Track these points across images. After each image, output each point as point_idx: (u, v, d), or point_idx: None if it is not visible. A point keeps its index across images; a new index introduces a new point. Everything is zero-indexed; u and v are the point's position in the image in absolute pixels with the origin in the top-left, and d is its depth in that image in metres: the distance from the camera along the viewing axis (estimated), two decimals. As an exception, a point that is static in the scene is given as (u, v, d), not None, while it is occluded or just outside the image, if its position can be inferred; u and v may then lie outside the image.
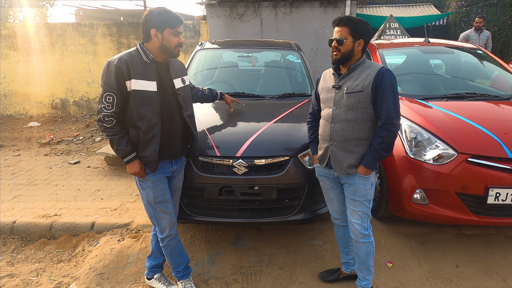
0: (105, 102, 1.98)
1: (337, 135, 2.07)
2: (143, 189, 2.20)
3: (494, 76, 3.84)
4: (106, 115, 1.98)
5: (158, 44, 2.01)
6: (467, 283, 2.47)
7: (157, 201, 2.18)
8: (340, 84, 2.06)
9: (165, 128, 2.11)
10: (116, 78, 1.95)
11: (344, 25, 1.98)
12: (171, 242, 2.28)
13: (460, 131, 2.71)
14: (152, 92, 2.03)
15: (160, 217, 2.23)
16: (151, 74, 2.04)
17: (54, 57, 7.66)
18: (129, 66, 1.96)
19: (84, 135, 6.42)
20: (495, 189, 2.46)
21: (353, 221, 2.13)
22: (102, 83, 2.00)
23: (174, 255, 2.33)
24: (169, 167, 2.22)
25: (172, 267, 2.39)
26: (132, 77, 1.97)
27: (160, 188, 2.18)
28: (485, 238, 2.98)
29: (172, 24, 1.98)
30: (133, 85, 1.97)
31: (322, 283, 2.48)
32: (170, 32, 1.99)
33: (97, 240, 3.02)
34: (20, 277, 2.63)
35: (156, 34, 1.98)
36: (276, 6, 7.60)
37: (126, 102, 2.01)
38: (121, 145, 2.04)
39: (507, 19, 10.90)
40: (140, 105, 2.00)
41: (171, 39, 2.00)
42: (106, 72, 1.98)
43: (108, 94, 1.97)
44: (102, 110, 1.99)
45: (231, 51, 4.43)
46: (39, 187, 4.10)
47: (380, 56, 3.86)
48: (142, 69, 2.01)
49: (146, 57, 2.03)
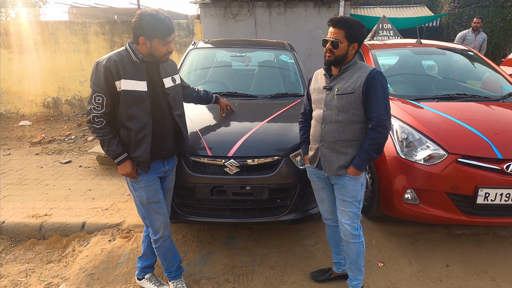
0: (94, 103, 1.95)
1: (327, 136, 2.07)
2: (136, 190, 2.17)
3: (485, 78, 3.88)
4: (96, 116, 1.96)
5: (146, 51, 1.98)
6: (457, 282, 2.49)
7: (150, 201, 2.16)
8: (331, 85, 2.06)
9: (156, 128, 2.09)
10: (105, 79, 1.92)
11: (341, 28, 1.96)
12: (165, 243, 2.26)
13: (450, 131, 2.74)
14: (142, 92, 2.00)
15: (153, 218, 2.20)
16: (141, 74, 2.01)
17: (46, 55, 7.58)
18: (119, 66, 1.93)
19: (76, 134, 6.36)
20: (485, 189, 2.49)
21: (343, 221, 2.13)
22: (91, 84, 1.97)
23: (167, 255, 2.32)
24: (161, 167, 2.20)
25: (164, 268, 2.38)
26: (122, 77, 1.94)
27: (153, 188, 2.16)
28: (475, 237, 3.01)
29: (161, 35, 1.94)
30: (123, 85, 1.94)
31: (313, 282, 2.49)
32: (159, 42, 1.95)
33: (87, 240, 3.00)
34: (9, 278, 2.60)
35: (145, 42, 1.94)
36: (270, 6, 7.60)
37: (116, 102, 1.98)
38: (112, 146, 2.01)
39: (499, 21, 11.03)
40: (131, 105, 1.97)
41: (159, 49, 1.97)
42: (95, 72, 1.95)
43: (98, 94, 1.94)
44: (92, 111, 1.96)
45: (224, 51, 4.43)
46: (29, 186, 4.06)
47: (372, 56, 3.88)
48: (131, 69, 1.98)
49: (135, 56, 2.00)
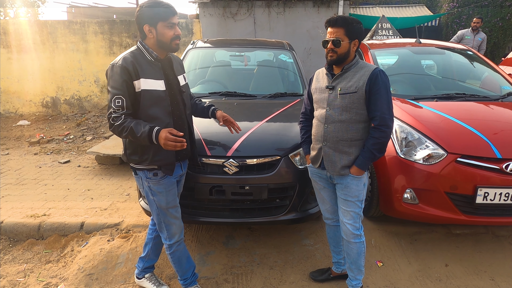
0: (114, 106, 1.83)
1: (330, 136, 2.06)
2: (155, 195, 2.05)
3: (484, 77, 3.88)
4: (116, 117, 1.83)
5: (154, 40, 1.91)
6: (456, 281, 2.49)
7: (170, 206, 2.08)
8: (333, 84, 2.05)
9: (177, 128, 1.99)
10: (123, 80, 1.82)
11: (340, 26, 1.95)
12: (180, 247, 2.19)
13: (449, 131, 2.73)
14: (161, 91, 1.93)
15: (170, 223, 2.12)
16: (157, 72, 1.94)
17: (45, 55, 7.57)
18: (136, 66, 1.85)
19: (75, 134, 6.35)
20: (484, 189, 2.49)
21: (345, 221, 2.13)
22: (109, 88, 1.86)
23: (182, 261, 2.23)
24: (179, 170, 2.13)
25: (179, 275, 2.29)
26: (140, 77, 1.86)
27: (173, 193, 2.09)
28: (474, 237, 3.01)
29: (164, 17, 1.87)
30: (142, 85, 1.86)
31: (312, 282, 2.48)
32: (163, 25, 1.88)
33: (86, 240, 2.99)
34: (7, 278, 2.59)
35: (150, 29, 1.88)
36: (269, 5, 7.60)
37: (135, 104, 1.89)
38: (139, 130, 1.81)
39: (498, 21, 11.04)
40: (151, 105, 1.90)
41: (165, 33, 1.89)
42: (111, 75, 1.85)
43: (117, 97, 1.83)
44: (112, 115, 1.83)
45: (223, 50, 4.42)
46: (28, 186, 4.05)
47: (372, 56, 3.87)
48: (148, 68, 1.90)
49: (149, 55, 1.93)
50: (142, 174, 2.04)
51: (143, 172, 2.03)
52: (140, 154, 1.97)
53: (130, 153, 2.01)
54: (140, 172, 2.04)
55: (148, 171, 2.01)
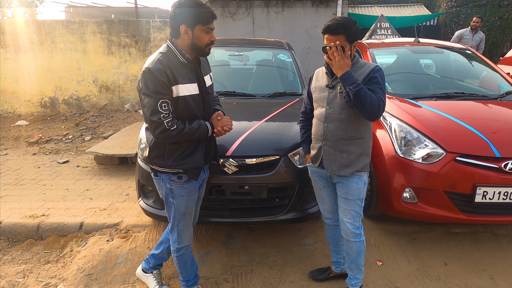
0: (162, 111, 1.75)
1: (330, 135, 2.06)
2: (175, 198, 2.01)
3: (483, 76, 3.89)
4: (169, 122, 1.78)
5: (188, 42, 1.82)
6: (455, 280, 2.50)
7: (187, 211, 2.06)
8: (333, 83, 2.05)
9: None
10: (163, 83, 1.76)
11: (341, 34, 1.93)
12: (187, 251, 2.19)
13: (448, 130, 2.74)
14: (196, 95, 1.88)
15: (183, 229, 2.10)
16: (191, 75, 1.88)
17: (43, 54, 7.54)
18: (172, 69, 1.78)
19: (73, 134, 6.33)
20: (483, 188, 2.49)
21: (345, 220, 2.13)
22: (148, 93, 1.75)
23: (187, 263, 2.23)
24: (202, 174, 2.08)
25: (182, 277, 2.27)
26: (178, 82, 1.80)
27: (193, 198, 2.07)
28: (473, 236, 3.02)
29: (205, 20, 1.79)
30: (180, 91, 1.81)
31: (312, 282, 2.49)
32: (201, 29, 1.80)
33: (85, 241, 2.99)
34: (6, 279, 2.59)
35: (186, 31, 1.79)
36: (268, 5, 7.60)
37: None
38: (193, 128, 1.83)
39: (496, 20, 11.07)
40: (187, 110, 1.86)
41: (202, 37, 1.81)
42: (150, 79, 1.76)
43: (163, 101, 1.76)
44: (163, 120, 1.76)
45: (222, 50, 4.41)
46: (26, 186, 4.04)
47: (370, 55, 3.88)
48: (182, 71, 1.83)
49: (182, 57, 1.85)
50: (165, 176, 1.99)
51: (167, 175, 1.98)
52: (166, 157, 1.92)
53: (155, 156, 1.95)
54: (163, 174, 1.99)
55: (172, 174, 1.97)
